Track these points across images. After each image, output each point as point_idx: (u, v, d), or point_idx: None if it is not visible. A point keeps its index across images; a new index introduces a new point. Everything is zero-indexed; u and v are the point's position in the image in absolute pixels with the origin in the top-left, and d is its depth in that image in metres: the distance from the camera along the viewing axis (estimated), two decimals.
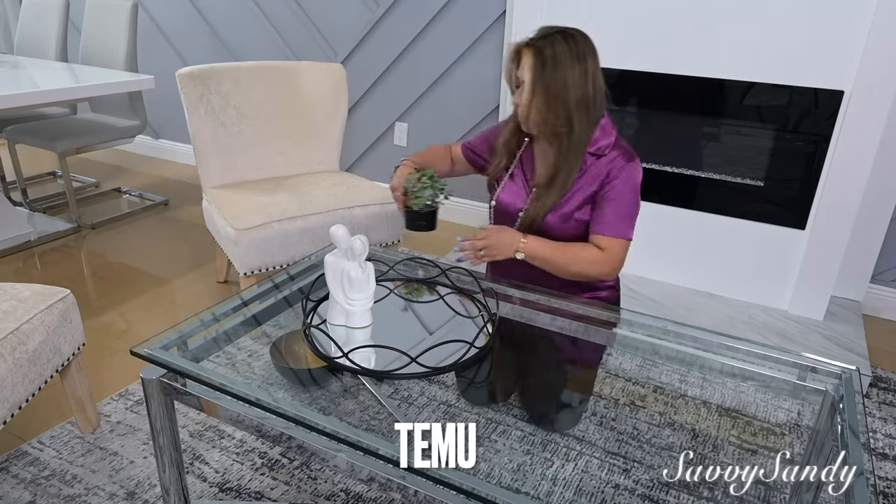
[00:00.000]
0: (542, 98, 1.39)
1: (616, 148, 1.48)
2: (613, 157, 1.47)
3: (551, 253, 1.46)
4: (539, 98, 1.39)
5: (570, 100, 1.38)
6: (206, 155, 2.28)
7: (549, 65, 1.37)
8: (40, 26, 3.31)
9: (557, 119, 1.41)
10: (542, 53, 1.37)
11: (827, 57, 2.05)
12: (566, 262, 1.47)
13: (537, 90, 1.39)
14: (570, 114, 1.40)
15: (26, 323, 1.41)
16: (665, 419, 1.51)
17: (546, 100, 1.39)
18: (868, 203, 2.28)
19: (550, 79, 1.37)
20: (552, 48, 1.37)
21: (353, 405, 1.40)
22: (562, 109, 1.40)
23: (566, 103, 1.39)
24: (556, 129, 1.43)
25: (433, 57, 3.03)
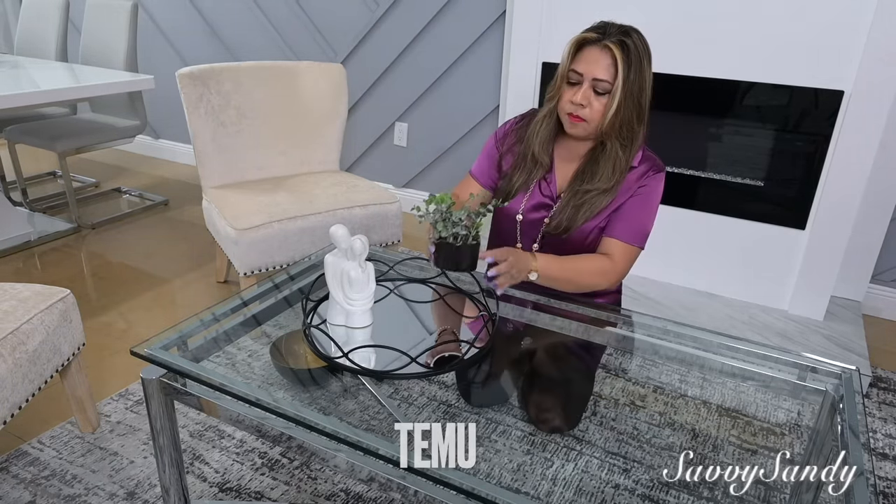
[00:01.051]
0: (622, 97, 1.31)
1: (645, 160, 1.44)
2: (644, 170, 1.43)
3: (560, 271, 1.40)
4: (620, 96, 1.31)
5: (646, 101, 1.34)
6: (206, 155, 2.28)
7: (633, 65, 1.30)
8: (40, 26, 3.31)
9: (633, 121, 1.35)
10: (627, 49, 1.29)
11: (827, 57, 2.05)
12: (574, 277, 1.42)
13: (627, 91, 1.31)
14: (643, 115, 1.35)
15: (26, 323, 1.41)
16: (665, 419, 1.51)
17: (626, 101, 1.32)
18: (868, 203, 2.28)
19: (633, 79, 1.31)
20: (635, 48, 1.30)
21: (353, 405, 1.40)
22: (635, 110, 1.34)
23: (641, 104, 1.34)
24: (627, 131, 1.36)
25: (433, 57, 3.03)
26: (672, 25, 2.22)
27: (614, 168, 1.40)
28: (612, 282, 1.44)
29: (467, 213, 1.23)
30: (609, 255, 1.43)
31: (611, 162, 1.40)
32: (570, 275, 1.41)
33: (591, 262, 1.43)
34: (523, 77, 2.53)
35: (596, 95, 1.34)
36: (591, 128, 1.38)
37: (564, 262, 1.41)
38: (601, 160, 1.41)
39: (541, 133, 1.47)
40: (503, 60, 2.84)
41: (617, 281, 1.45)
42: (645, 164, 1.44)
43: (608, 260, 1.43)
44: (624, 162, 1.40)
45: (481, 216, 1.25)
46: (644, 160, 1.45)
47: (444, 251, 1.25)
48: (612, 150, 1.39)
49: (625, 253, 1.43)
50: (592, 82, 1.33)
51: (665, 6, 2.22)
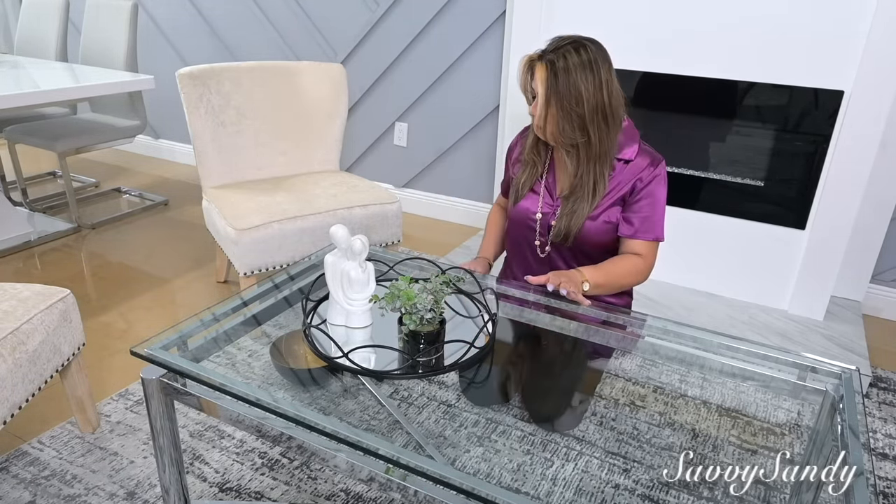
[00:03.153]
0: (556, 109, 1.40)
1: (642, 153, 1.51)
2: (641, 163, 1.50)
3: (603, 280, 1.49)
4: (553, 109, 1.40)
5: (585, 109, 1.39)
6: (206, 155, 2.28)
7: (561, 76, 1.37)
8: (40, 26, 3.31)
9: (573, 130, 1.42)
10: (553, 65, 1.38)
11: (827, 57, 2.05)
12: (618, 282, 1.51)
13: (551, 102, 1.40)
14: (586, 123, 1.41)
15: (26, 323, 1.41)
16: (665, 419, 1.51)
17: (561, 111, 1.40)
18: (868, 203, 2.28)
19: (564, 90, 1.38)
20: (564, 60, 1.37)
21: (353, 405, 1.40)
22: (577, 120, 1.40)
23: (580, 113, 1.39)
24: (573, 139, 1.44)
25: (433, 57, 3.03)
26: (672, 26, 2.22)
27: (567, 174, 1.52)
28: (645, 277, 1.55)
29: (432, 296, 1.24)
30: (637, 254, 1.53)
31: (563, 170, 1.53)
32: (612, 279, 1.50)
33: (626, 264, 1.52)
34: None
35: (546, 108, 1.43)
36: (548, 135, 1.47)
37: (606, 269, 1.50)
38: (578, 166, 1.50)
39: (530, 136, 1.59)
40: (503, 60, 2.84)
41: (649, 274, 1.55)
42: (641, 158, 1.51)
43: (639, 259, 1.52)
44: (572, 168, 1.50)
45: (444, 296, 1.26)
46: (641, 154, 1.51)
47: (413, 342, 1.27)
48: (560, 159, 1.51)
49: (649, 248, 1.53)
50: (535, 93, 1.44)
51: (665, 6, 2.22)
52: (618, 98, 1.43)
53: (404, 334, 1.25)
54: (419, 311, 1.21)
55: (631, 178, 1.50)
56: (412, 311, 1.21)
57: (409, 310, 1.22)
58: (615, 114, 1.43)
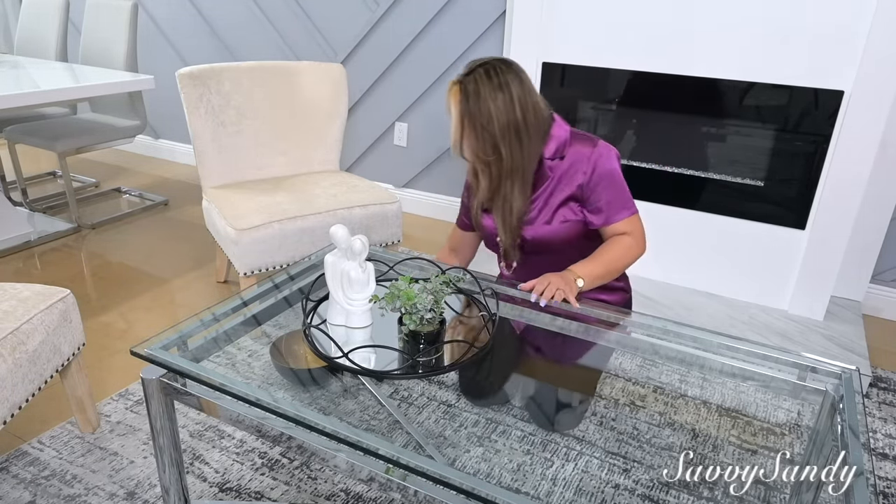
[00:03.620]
0: (469, 130, 1.43)
1: (574, 143, 1.51)
2: (577, 153, 1.50)
3: (599, 269, 1.49)
4: (467, 130, 1.44)
5: (496, 129, 1.41)
6: (206, 155, 2.28)
7: (471, 98, 1.41)
8: (40, 26, 3.31)
9: (486, 149, 1.44)
10: (465, 88, 1.42)
11: (827, 57, 2.05)
12: (614, 266, 1.51)
13: (464, 123, 1.43)
14: (497, 142, 1.43)
15: (26, 323, 1.41)
16: (665, 419, 1.51)
17: (473, 131, 1.43)
18: (868, 203, 2.28)
19: (475, 111, 1.41)
20: (474, 83, 1.41)
21: (353, 405, 1.40)
22: (488, 139, 1.43)
23: (492, 133, 1.42)
24: (485, 158, 1.46)
25: (433, 57, 3.03)
26: (672, 25, 2.23)
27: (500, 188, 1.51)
28: (642, 250, 1.55)
29: (432, 295, 1.25)
30: (622, 233, 1.53)
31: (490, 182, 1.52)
32: (609, 266, 1.51)
33: (618, 246, 1.52)
34: None
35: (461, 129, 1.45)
36: (466, 156, 1.49)
37: (599, 258, 1.51)
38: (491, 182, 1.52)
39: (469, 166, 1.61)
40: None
41: (644, 247, 1.55)
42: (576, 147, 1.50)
43: (627, 237, 1.52)
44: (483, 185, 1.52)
45: (444, 295, 1.27)
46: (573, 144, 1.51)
47: (414, 342, 1.27)
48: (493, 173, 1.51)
49: (632, 223, 1.53)
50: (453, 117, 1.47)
51: (665, 6, 2.22)
52: (533, 112, 1.44)
53: (404, 334, 1.25)
54: (419, 311, 1.21)
55: (572, 170, 1.50)
56: (412, 311, 1.21)
57: (409, 310, 1.22)
58: (530, 129, 1.44)
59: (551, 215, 1.53)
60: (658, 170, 2.41)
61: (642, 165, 2.44)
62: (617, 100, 2.43)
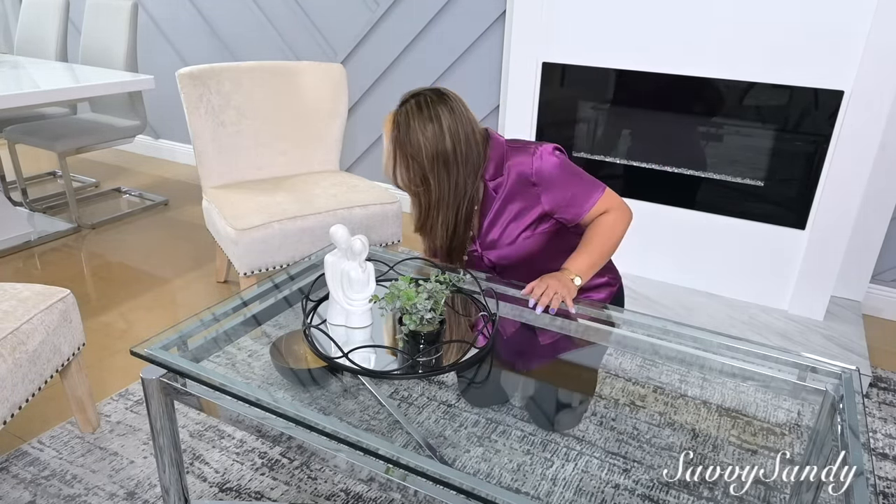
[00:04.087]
0: (400, 160, 1.44)
1: (512, 156, 1.49)
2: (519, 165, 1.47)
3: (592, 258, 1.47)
4: (399, 160, 1.44)
5: (424, 160, 1.41)
6: (206, 155, 2.28)
7: (402, 129, 1.41)
8: (40, 26, 3.31)
9: (415, 178, 1.44)
10: (397, 120, 1.42)
11: (827, 57, 2.05)
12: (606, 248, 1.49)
13: (396, 153, 1.44)
14: (426, 173, 1.42)
15: (26, 323, 1.41)
16: (665, 419, 1.51)
17: (403, 161, 1.43)
18: (868, 203, 2.28)
19: (404, 141, 1.41)
20: (405, 115, 1.41)
21: (353, 405, 1.40)
22: (417, 169, 1.42)
23: (420, 163, 1.41)
24: (415, 188, 1.46)
25: (433, 57, 3.03)
26: (672, 25, 2.23)
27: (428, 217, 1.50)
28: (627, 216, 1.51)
29: (431, 296, 1.25)
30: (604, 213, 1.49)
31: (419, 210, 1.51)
32: (602, 249, 1.48)
33: (602, 227, 1.48)
34: (523, 77, 2.53)
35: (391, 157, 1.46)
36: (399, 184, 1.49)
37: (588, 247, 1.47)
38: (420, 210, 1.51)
39: None
40: (503, 60, 2.84)
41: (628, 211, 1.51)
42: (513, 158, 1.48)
43: (607, 214, 1.49)
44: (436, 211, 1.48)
45: (444, 296, 1.27)
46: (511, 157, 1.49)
47: (413, 342, 1.27)
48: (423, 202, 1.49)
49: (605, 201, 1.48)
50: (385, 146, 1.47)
51: (665, 6, 2.22)
52: (466, 140, 1.42)
53: (404, 334, 1.25)
54: (419, 311, 1.21)
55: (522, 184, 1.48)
56: (412, 311, 1.21)
57: (409, 310, 1.22)
58: (458, 159, 1.42)
59: (515, 235, 1.51)
60: (658, 170, 2.41)
61: (642, 165, 2.44)
62: (617, 100, 2.43)
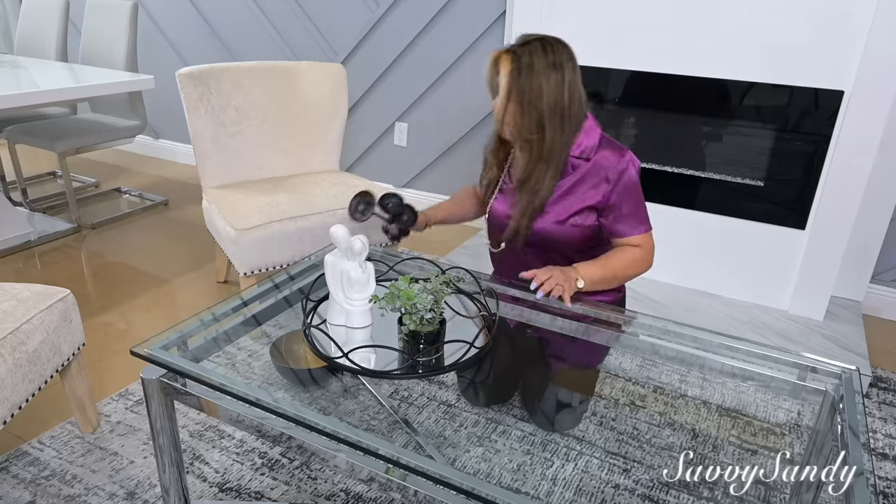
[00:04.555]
0: (516, 104, 1.41)
1: (603, 148, 1.47)
2: (605, 159, 1.46)
3: (602, 272, 1.47)
4: (514, 104, 1.41)
5: (544, 106, 1.39)
6: (206, 155, 2.28)
7: (524, 71, 1.38)
8: (40, 26, 3.31)
9: (530, 125, 1.42)
10: (519, 60, 1.38)
11: (827, 57, 2.05)
12: (619, 274, 1.49)
13: (513, 96, 1.40)
14: (543, 120, 1.40)
15: (26, 323, 1.41)
16: (665, 419, 1.51)
17: (520, 106, 1.40)
18: (868, 203, 2.28)
19: (525, 85, 1.38)
20: (529, 56, 1.38)
21: (353, 405, 1.40)
22: (535, 115, 1.40)
23: (539, 110, 1.39)
24: (528, 135, 1.44)
25: (433, 57, 3.03)
26: (672, 25, 2.23)
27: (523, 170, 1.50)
28: (649, 265, 1.53)
29: (432, 295, 1.23)
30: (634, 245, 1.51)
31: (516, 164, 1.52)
32: (612, 273, 1.49)
33: (625, 256, 1.50)
34: None
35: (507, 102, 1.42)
36: (506, 130, 1.47)
37: (604, 263, 1.49)
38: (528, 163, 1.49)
39: (491, 141, 1.61)
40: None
41: (651, 261, 1.53)
42: (604, 153, 1.47)
43: (637, 249, 1.50)
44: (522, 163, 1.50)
45: (444, 295, 1.26)
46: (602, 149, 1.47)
47: (414, 343, 1.26)
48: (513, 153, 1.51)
49: (645, 240, 1.51)
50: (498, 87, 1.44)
51: (665, 6, 2.22)
52: (578, 101, 1.43)
53: (404, 334, 1.25)
54: (419, 311, 1.21)
55: (597, 176, 1.47)
56: (412, 311, 1.21)
57: (409, 310, 1.22)
58: (573, 116, 1.42)
59: (566, 216, 1.50)
60: (658, 170, 2.41)
61: (642, 165, 2.43)
62: (617, 100, 2.43)
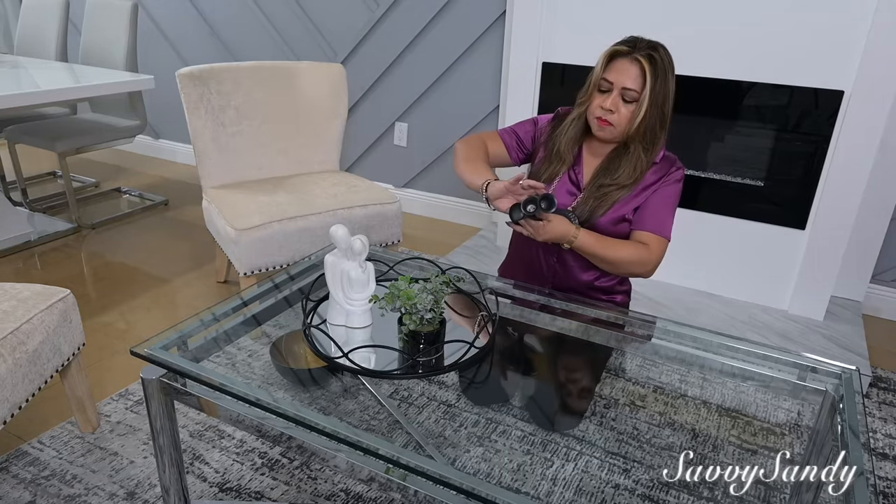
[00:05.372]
0: (648, 106, 1.42)
1: (666, 159, 1.55)
2: (662, 166, 1.53)
3: (600, 247, 1.47)
4: (645, 106, 1.42)
5: (668, 109, 1.45)
6: (206, 155, 2.28)
7: (660, 73, 1.41)
8: (40, 26, 3.31)
9: (654, 127, 1.46)
10: (654, 63, 1.41)
11: (827, 57, 2.05)
12: (612, 257, 1.49)
13: (646, 98, 1.42)
14: (665, 123, 1.46)
15: (26, 323, 1.41)
16: (665, 419, 1.51)
17: (652, 108, 1.43)
18: (868, 203, 2.28)
19: (660, 87, 1.42)
20: (661, 59, 1.41)
21: (353, 405, 1.40)
22: (660, 118, 1.45)
23: (665, 113, 1.45)
24: (653, 137, 1.47)
25: (433, 57, 3.03)
26: (672, 25, 2.22)
27: (635, 167, 1.51)
28: (648, 270, 1.51)
29: (432, 295, 1.23)
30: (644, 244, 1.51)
31: (632, 162, 1.51)
32: (609, 255, 1.47)
33: (629, 247, 1.50)
34: (523, 77, 2.53)
35: (624, 103, 1.44)
36: (617, 132, 1.48)
37: (605, 242, 1.49)
38: (623, 160, 1.51)
39: (568, 132, 1.58)
40: (503, 60, 2.84)
41: (652, 270, 1.52)
42: (665, 161, 1.54)
43: (644, 248, 1.50)
44: (644, 163, 1.51)
45: (444, 295, 1.26)
46: (665, 159, 1.54)
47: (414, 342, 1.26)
48: (634, 152, 1.51)
49: (658, 243, 1.51)
50: (622, 91, 1.44)
51: (664, 6, 2.22)
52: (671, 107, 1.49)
53: (404, 334, 1.25)
54: (419, 311, 1.21)
55: (653, 179, 1.52)
56: (412, 311, 1.21)
57: (409, 310, 1.22)
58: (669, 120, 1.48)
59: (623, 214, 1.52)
60: None
61: None
62: None
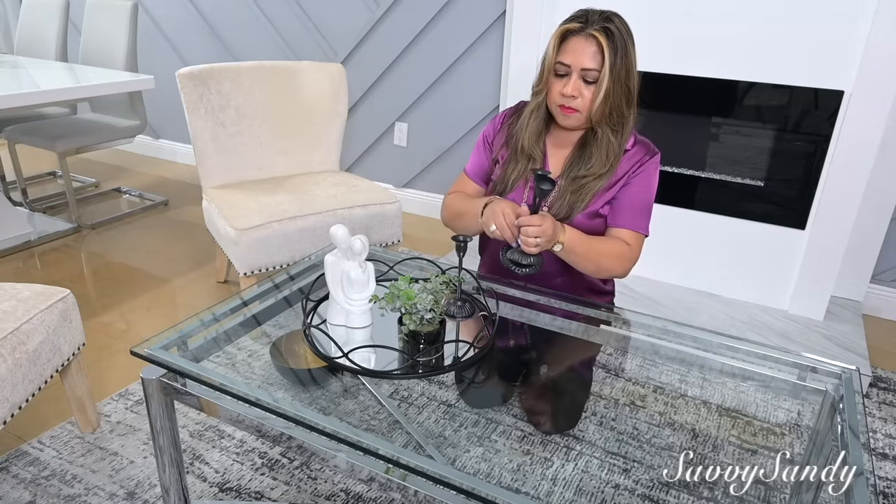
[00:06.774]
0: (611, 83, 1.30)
1: (639, 144, 1.45)
2: (636, 153, 1.44)
3: (585, 247, 1.40)
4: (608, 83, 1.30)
5: (633, 83, 1.33)
6: (206, 155, 2.28)
7: (619, 48, 1.28)
8: (40, 26, 3.31)
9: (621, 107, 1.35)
10: (611, 35, 1.27)
11: (827, 57, 2.05)
12: (596, 257, 1.42)
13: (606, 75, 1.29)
14: (631, 99, 1.34)
15: (26, 323, 1.41)
16: (665, 419, 1.51)
17: (615, 84, 1.31)
18: (868, 203, 2.28)
19: (620, 61, 1.29)
20: (617, 29, 1.27)
21: (353, 405, 1.40)
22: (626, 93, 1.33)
23: (630, 87, 1.33)
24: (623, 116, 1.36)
25: (433, 57, 3.03)
26: (672, 25, 2.22)
27: (607, 154, 1.41)
28: (628, 268, 1.46)
29: (432, 295, 1.23)
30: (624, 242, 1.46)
31: (603, 148, 1.41)
32: (593, 255, 1.41)
33: (612, 246, 1.44)
34: (523, 77, 2.53)
35: (585, 85, 1.33)
36: (584, 117, 1.38)
37: (590, 241, 1.42)
38: (593, 146, 1.42)
39: (530, 126, 1.47)
40: (503, 60, 2.84)
41: (631, 267, 1.47)
42: (638, 147, 1.45)
43: (625, 246, 1.45)
44: (616, 146, 1.41)
45: (444, 295, 1.26)
46: (637, 144, 1.46)
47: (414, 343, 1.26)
48: (603, 136, 1.40)
49: (636, 239, 1.46)
50: (581, 72, 1.32)
51: (664, 6, 2.22)
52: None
53: (404, 334, 1.25)
54: (419, 311, 1.21)
55: (627, 168, 1.44)
56: (412, 311, 1.21)
57: (409, 310, 1.22)
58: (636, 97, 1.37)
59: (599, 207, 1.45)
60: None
61: None
62: None
